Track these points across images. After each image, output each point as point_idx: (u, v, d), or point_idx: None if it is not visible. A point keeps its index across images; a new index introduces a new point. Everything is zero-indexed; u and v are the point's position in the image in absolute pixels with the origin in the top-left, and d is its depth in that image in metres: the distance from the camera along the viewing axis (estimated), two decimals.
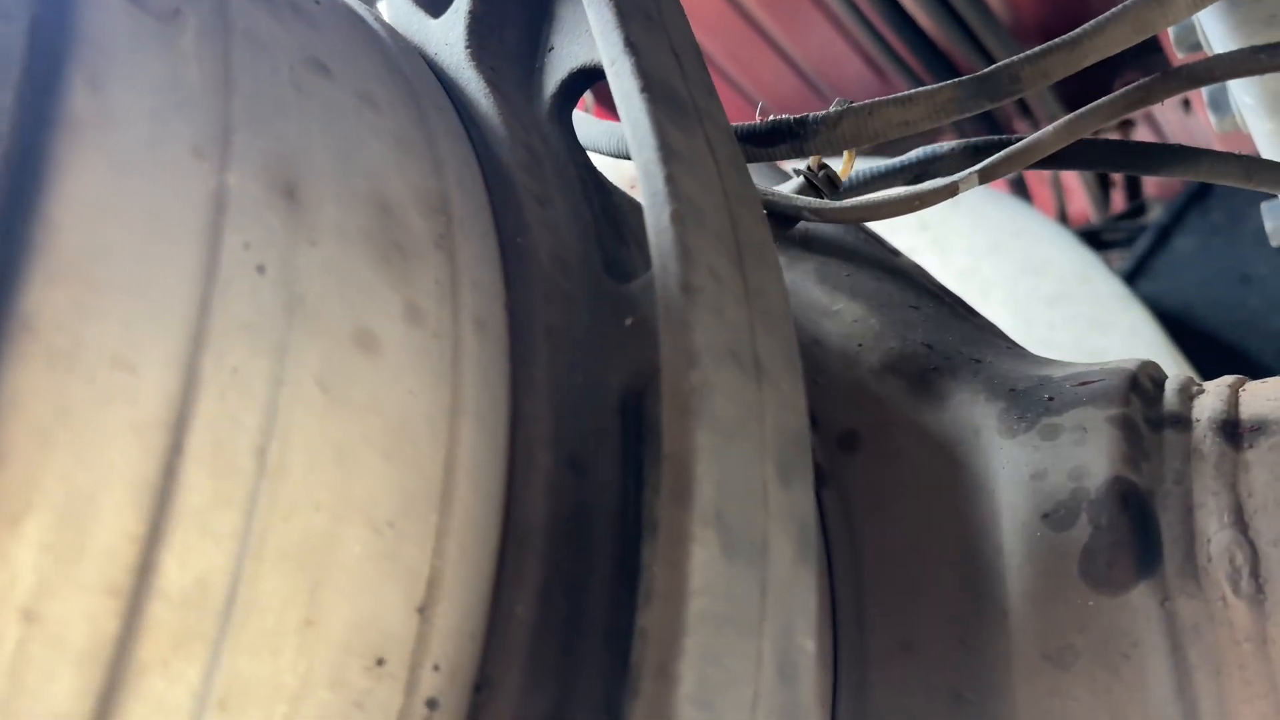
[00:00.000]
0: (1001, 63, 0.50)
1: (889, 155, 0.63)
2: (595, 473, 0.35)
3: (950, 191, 0.50)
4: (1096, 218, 2.00)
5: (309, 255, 0.31)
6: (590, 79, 0.45)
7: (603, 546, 0.34)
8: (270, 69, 0.34)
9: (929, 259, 1.47)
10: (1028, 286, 1.53)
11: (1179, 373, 0.52)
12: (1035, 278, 1.54)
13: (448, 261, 0.35)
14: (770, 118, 0.54)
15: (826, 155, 0.58)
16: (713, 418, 0.30)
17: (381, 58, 0.40)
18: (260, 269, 0.29)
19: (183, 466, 0.27)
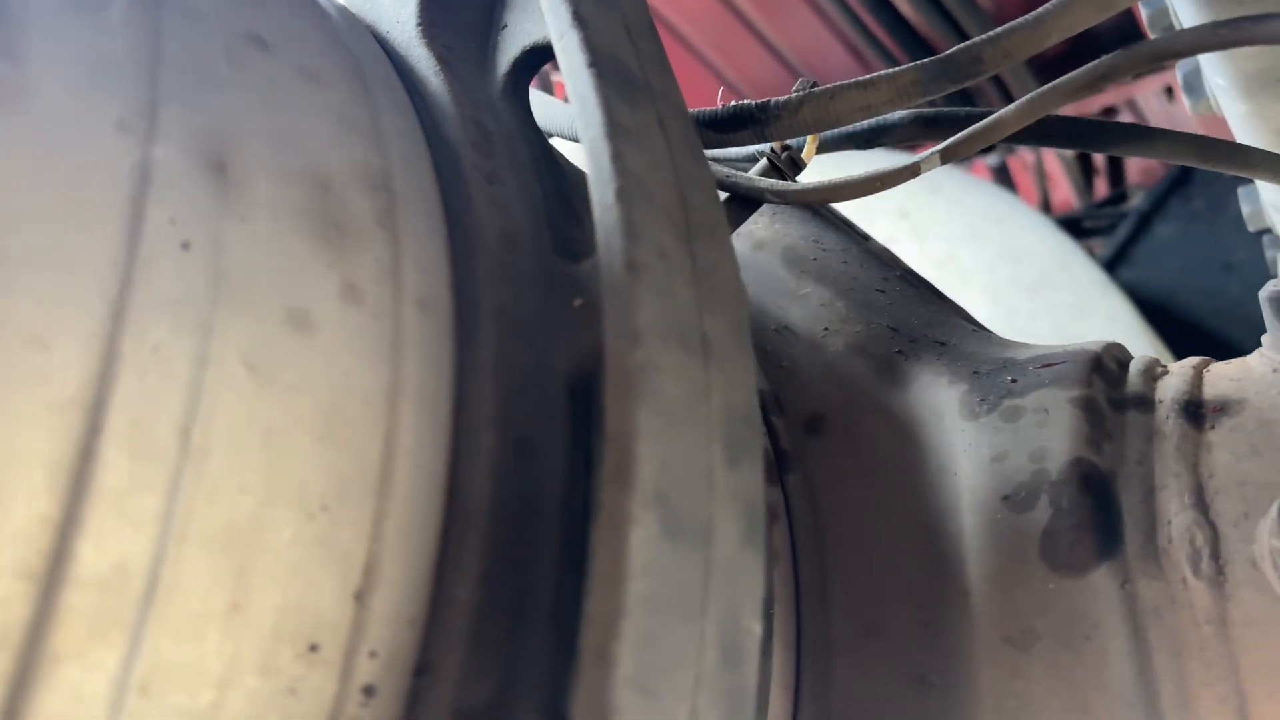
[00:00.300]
0: (963, 44, 0.49)
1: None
2: (543, 456, 0.35)
3: (912, 172, 0.49)
4: (1079, 205, 2.00)
5: (239, 232, 0.30)
6: (544, 57, 0.44)
7: (550, 530, 0.34)
8: (203, 42, 0.33)
9: (908, 247, 1.47)
10: (1007, 274, 1.53)
11: (1145, 354, 0.52)
12: (1014, 265, 1.54)
13: (390, 240, 0.34)
14: (731, 103, 0.53)
15: (789, 140, 0.57)
16: (656, 398, 0.30)
17: (326, 34, 0.40)
18: (185, 245, 0.29)
19: (100, 447, 0.26)
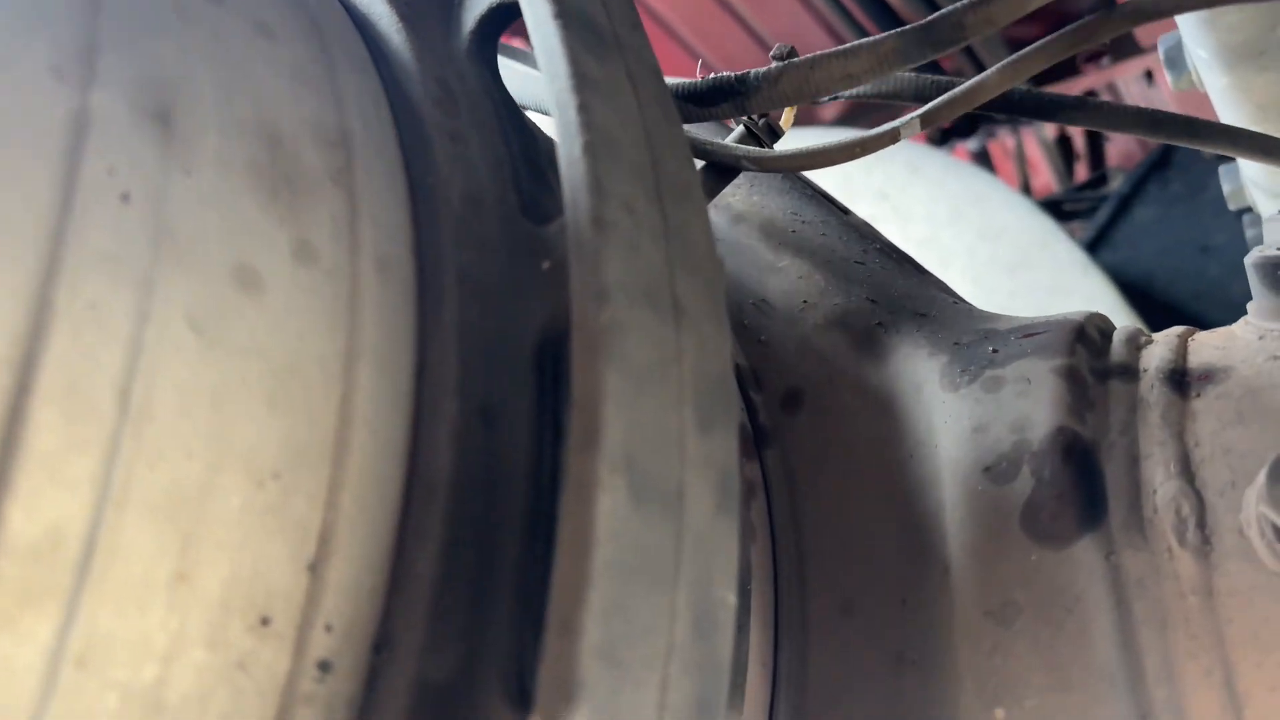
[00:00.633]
0: (944, 10, 0.48)
1: None
2: (508, 423, 0.33)
3: (892, 137, 0.48)
4: (1059, 188, 2.00)
5: (183, 185, 0.28)
6: (511, 14, 0.42)
7: (515, 500, 0.33)
8: None
9: (889, 228, 1.46)
10: (987, 254, 1.52)
11: (1128, 324, 0.51)
12: (994, 245, 1.53)
13: (346, 198, 0.33)
14: (711, 75, 0.52)
15: (770, 111, 0.56)
16: (624, 359, 0.28)
17: None
18: (125, 197, 0.27)
19: (32, 407, 0.24)
